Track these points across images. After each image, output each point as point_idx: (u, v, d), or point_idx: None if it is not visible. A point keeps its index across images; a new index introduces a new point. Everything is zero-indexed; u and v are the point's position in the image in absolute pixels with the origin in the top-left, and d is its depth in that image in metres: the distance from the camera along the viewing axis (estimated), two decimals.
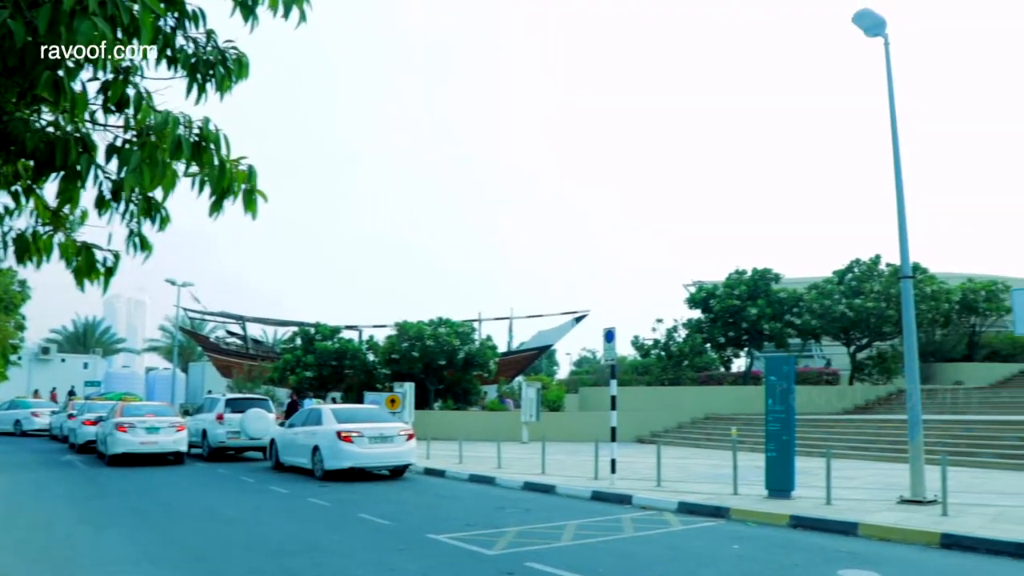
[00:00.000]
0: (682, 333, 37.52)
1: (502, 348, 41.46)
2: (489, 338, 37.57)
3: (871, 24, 14.24)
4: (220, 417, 23.97)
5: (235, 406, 24.47)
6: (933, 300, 34.31)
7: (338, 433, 18.24)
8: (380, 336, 38.32)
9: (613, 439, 17.14)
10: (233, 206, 4.78)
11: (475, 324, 38.96)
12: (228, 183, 4.57)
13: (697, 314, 37.47)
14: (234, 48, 4.65)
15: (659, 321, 37.39)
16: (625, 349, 50.20)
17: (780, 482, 13.87)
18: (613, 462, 16.66)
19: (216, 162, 4.52)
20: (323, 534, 11.30)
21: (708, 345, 37.40)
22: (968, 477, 16.93)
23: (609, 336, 17.09)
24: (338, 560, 9.42)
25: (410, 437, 19.06)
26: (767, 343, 36.48)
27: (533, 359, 45.10)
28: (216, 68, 4.56)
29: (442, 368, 34.26)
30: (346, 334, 38.08)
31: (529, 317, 47.49)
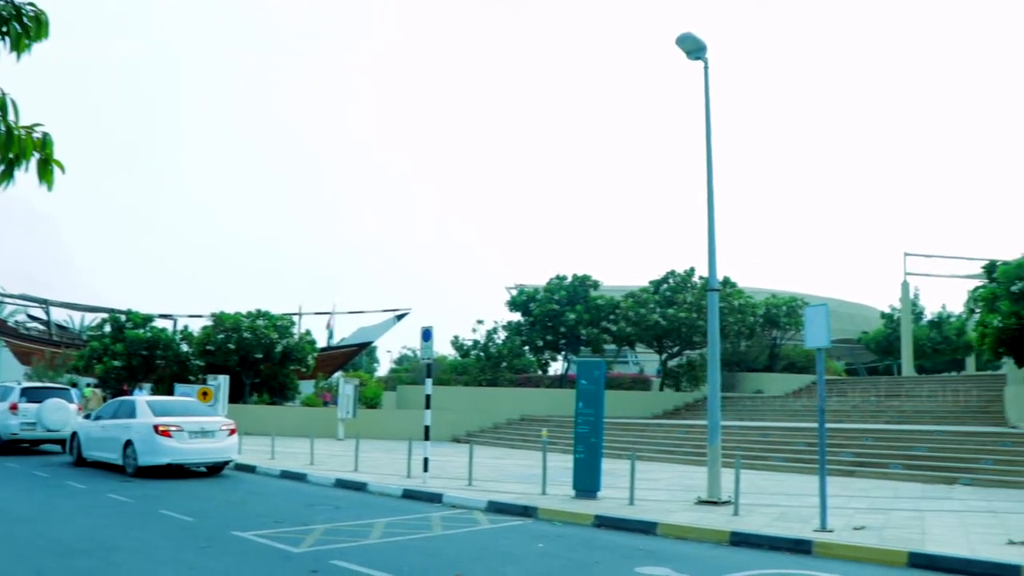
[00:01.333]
0: (502, 335, 38.05)
1: (322, 343, 40.79)
2: (308, 332, 36.88)
3: (693, 48, 14.83)
4: (14, 407, 22.35)
5: (32, 396, 22.89)
6: (740, 313, 36.27)
7: (155, 427, 17.27)
8: (196, 326, 36.93)
9: (427, 438, 17.16)
10: (28, 176, 4.45)
11: (295, 318, 38.17)
12: (17, 151, 4.24)
13: (517, 317, 38.10)
14: (31, 4, 4.33)
15: (480, 322, 37.91)
16: (446, 349, 50.42)
17: (587, 483, 14.26)
18: (426, 461, 16.67)
19: (2, 128, 4.19)
20: (121, 532, 10.74)
21: (527, 348, 38.08)
22: (762, 479, 17.95)
23: (426, 335, 17.10)
24: (134, 559, 8.98)
25: (232, 432, 18.37)
26: (584, 348, 37.49)
27: (353, 355, 44.60)
28: (11, 25, 4.24)
29: (259, 361, 33.35)
30: (160, 323, 36.44)
31: (351, 313, 46.92)
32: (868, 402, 31.46)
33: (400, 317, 42.23)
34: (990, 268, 27.98)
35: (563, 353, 38.71)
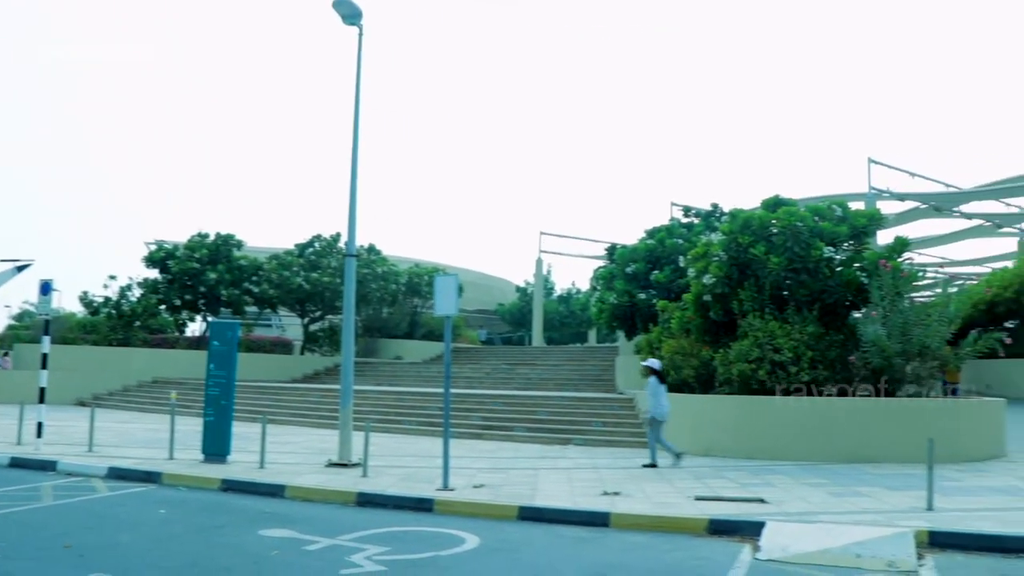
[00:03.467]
0: (137, 292, 35.81)
1: None
2: None
3: (349, 13, 14.76)
4: None
5: None
6: (383, 280, 37.02)
7: None
8: None
9: (41, 400, 15.84)
10: None
11: None
12: None
13: (155, 274, 36.06)
14: None
15: (112, 278, 35.14)
16: (76, 306, 46.52)
17: (216, 447, 13.98)
18: (39, 425, 15.40)
19: None
20: None
21: (163, 307, 36.18)
22: (395, 442, 18.57)
23: (45, 288, 15.79)
24: None
25: None
26: (225, 309, 36.36)
27: None
28: None
29: None
30: None
31: None
32: (500, 369, 33.44)
33: (22, 268, 38.24)
34: (611, 250, 30.92)
35: (203, 314, 37.24)
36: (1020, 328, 28.68)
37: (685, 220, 30.18)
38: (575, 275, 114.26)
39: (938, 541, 8.47)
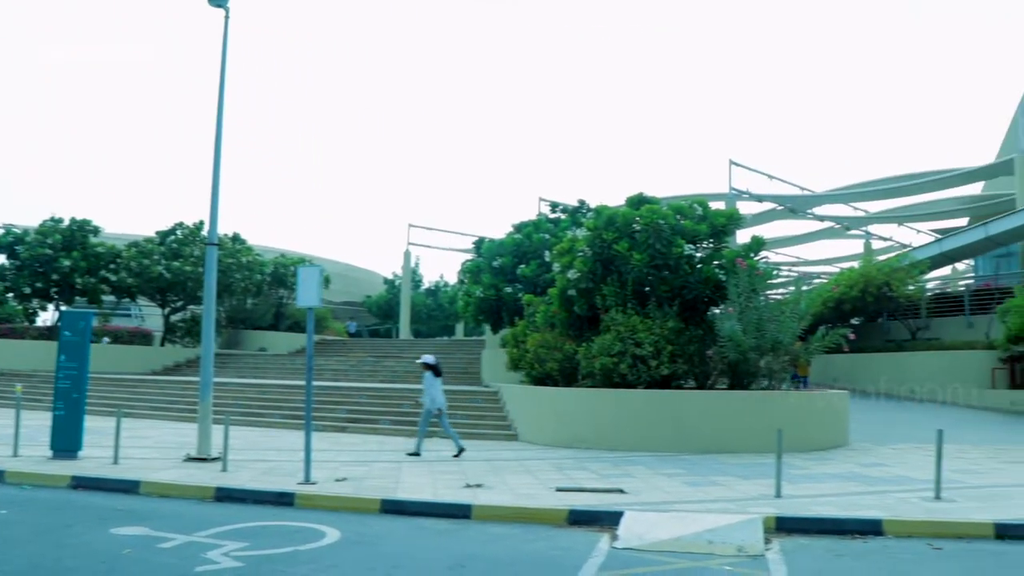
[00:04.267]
0: None
1: None
2: None
3: None
4: None
5: None
6: (248, 270, 36.17)
7: None
8: None
9: None
10: None
11: None
12: None
13: (2, 260, 34.18)
14: None
15: None
16: None
17: (67, 442, 13.40)
18: None
19: None
20: None
21: (11, 295, 34.34)
22: (257, 436, 18.23)
23: None
24: None
25: None
26: (80, 298, 34.79)
27: None
28: None
29: None
30: None
31: None
32: (366, 362, 33.17)
33: None
34: (479, 244, 31.08)
35: (56, 303, 35.51)
36: (865, 325, 30.34)
37: (552, 215, 30.63)
38: (444, 268, 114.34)
39: (784, 526, 8.92)
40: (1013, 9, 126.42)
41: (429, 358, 15.74)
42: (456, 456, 14.71)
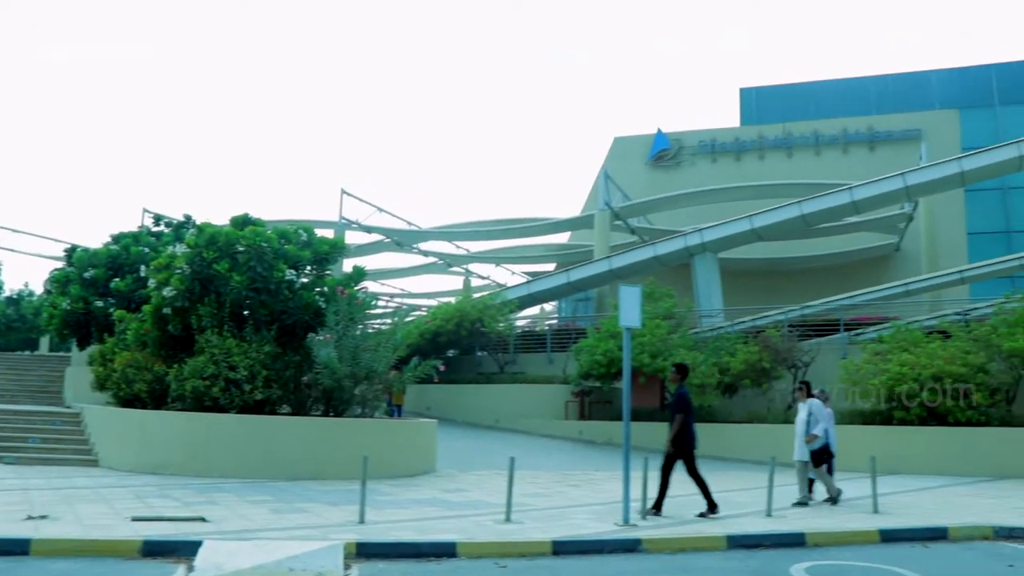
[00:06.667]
0: None
1: None
2: None
3: None
4: None
5: None
6: None
7: None
8: None
9: None
10: None
11: None
12: None
13: None
14: None
15: None
16: None
17: None
18: None
19: None
20: None
21: None
22: None
23: None
24: None
25: None
26: None
27: None
28: None
29: None
30: None
31: None
32: None
33: None
34: (71, 252, 28.58)
35: None
36: (460, 357, 32.05)
37: (156, 229, 29.12)
38: (32, 275, 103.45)
39: (365, 551, 9.09)
40: (607, 72, 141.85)
41: None
42: None
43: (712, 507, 11.88)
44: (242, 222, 18.47)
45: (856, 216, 33.93)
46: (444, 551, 9.26)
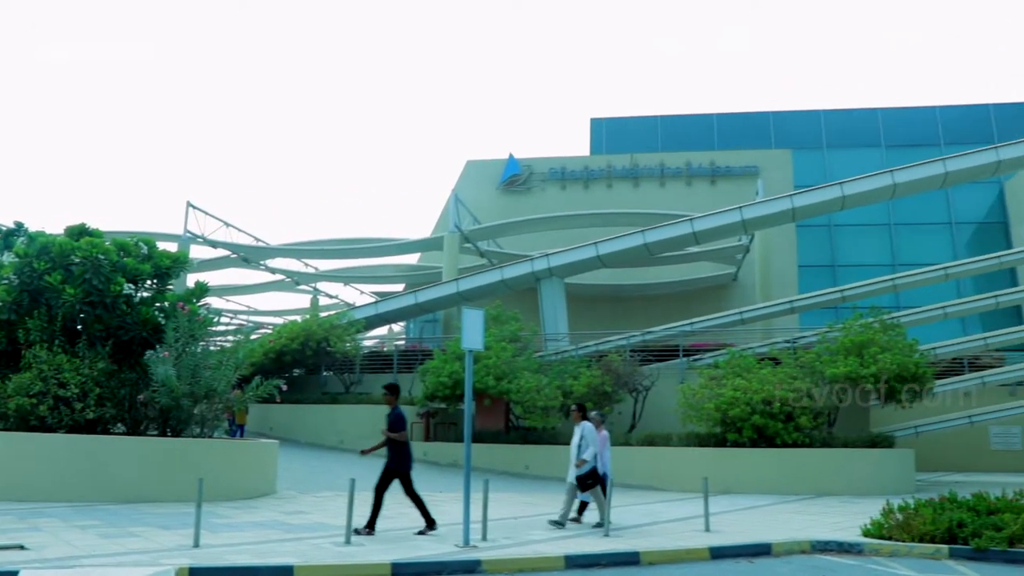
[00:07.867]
0: None
1: None
2: None
3: None
4: None
5: None
6: None
7: None
8: None
9: None
10: None
11: None
12: None
13: None
14: None
15: None
16: None
17: None
18: None
19: None
20: None
21: None
22: None
23: None
24: None
25: None
26: None
27: None
28: None
29: None
30: None
31: None
32: None
33: None
34: None
35: None
36: (305, 377, 31.53)
37: None
38: None
39: None
40: (462, 96, 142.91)
41: None
42: None
43: (430, 524, 12.46)
44: (78, 232, 17.69)
45: (697, 246, 35.33)
46: (282, 575, 9.16)
